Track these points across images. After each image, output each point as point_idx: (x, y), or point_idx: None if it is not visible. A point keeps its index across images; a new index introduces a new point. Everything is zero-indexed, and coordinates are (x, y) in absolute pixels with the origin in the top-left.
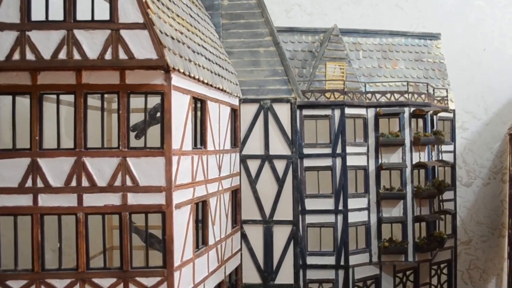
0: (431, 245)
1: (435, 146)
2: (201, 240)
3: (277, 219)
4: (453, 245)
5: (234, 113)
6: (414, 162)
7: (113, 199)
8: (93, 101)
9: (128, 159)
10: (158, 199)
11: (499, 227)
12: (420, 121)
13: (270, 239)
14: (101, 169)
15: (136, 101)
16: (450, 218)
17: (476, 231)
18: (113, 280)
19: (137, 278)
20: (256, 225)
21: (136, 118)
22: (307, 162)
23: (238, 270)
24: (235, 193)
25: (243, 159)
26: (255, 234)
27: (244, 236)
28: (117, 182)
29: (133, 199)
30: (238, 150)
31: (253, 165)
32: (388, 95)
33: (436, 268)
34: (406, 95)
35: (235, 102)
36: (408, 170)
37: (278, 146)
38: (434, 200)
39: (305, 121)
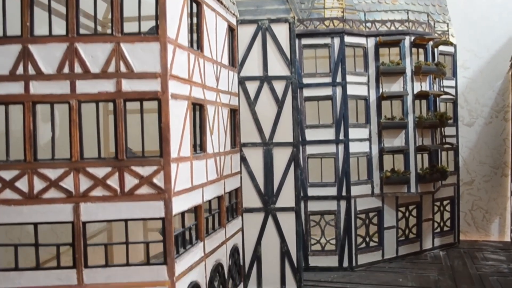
0: (434, 176)
1: (437, 80)
2: (199, 147)
3: (277, 141)
4: (456, 182)
5: (232, 32)
6: (415, 92)
7: (107, 86)
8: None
9: (122, 44)
10: (153, 85)
11: (502, 166)
12: (421, 53)
13: (270, 162)
14: (94, 55)
15: None
16: (453, 155)
17: (478, 171)
18: (108, 169)
19: (133, 167)
20: (256, 148)
21: None
22: (306, 92)
23: (238, 193)
24: (234, 114)
25: (241, 81)
26: (255, 157)
27: (243, 160)
28: (111, 69)
29: (128, 85)
30: (236, 71)
31: (252, 87)
32: (388, 24)
33: (439, 204)
34: (406, 24)
35: (233, 21)
36: (409, 98)
37: (277, 67)
38: (436, 131)
39: (304, 51)
